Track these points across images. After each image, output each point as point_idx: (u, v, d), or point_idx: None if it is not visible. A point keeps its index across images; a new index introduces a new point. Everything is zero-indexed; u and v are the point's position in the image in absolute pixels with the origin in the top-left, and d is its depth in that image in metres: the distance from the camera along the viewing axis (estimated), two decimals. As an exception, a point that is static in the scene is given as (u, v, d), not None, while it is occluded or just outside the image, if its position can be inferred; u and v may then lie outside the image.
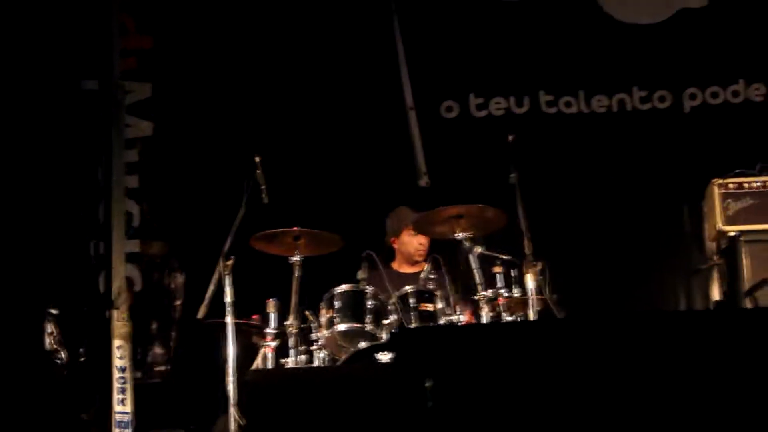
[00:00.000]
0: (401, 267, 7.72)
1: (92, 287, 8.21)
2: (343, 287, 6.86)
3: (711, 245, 8.13)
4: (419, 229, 7.47)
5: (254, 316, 7.09)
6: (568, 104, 8.90)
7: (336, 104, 8.82)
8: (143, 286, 8.65)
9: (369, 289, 6.83)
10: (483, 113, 8.98)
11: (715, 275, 8.09)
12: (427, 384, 3.88)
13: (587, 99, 8.90)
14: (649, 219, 8.39)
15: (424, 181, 8.64)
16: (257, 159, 7.16)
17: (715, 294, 7.98)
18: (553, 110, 8.91)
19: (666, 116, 8.81)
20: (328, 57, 8.85)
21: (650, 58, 8.84)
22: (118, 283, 8.12)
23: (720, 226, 7.62)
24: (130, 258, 8.57)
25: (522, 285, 6.86)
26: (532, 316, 6.67)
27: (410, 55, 8.93)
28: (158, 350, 8.51)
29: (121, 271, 8.20)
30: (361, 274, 7.00)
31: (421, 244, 7.63)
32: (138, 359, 8.24)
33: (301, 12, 8.87)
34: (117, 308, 7.94)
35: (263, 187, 7.13)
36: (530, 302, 6.72)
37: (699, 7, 8.84)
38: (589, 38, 8.89)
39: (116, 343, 7.82)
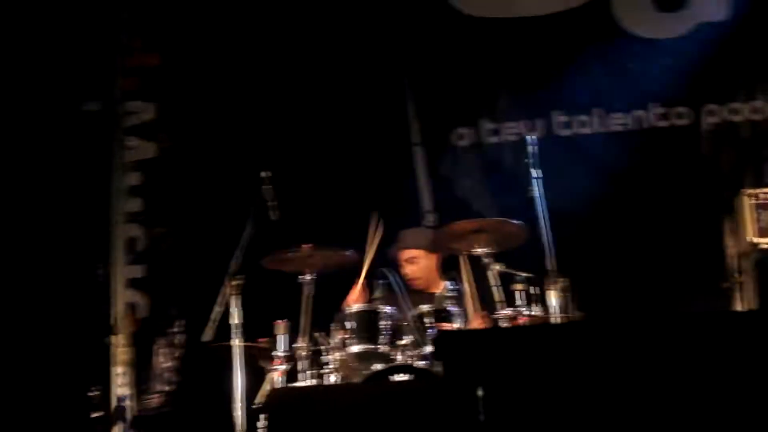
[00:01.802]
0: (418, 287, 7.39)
1: (96, 313, 7.96)
2: (357, 307, 6.54)
3: (732, 262, 7.83)
4: (436, 246, 7.16)
5: (261, 339, 6.77)
6: (582, 124, 8.59)
7: (344, 119, 8.58)
8: (148, 313, 8.31)
9: (383, 308, 6.51)
10: (495, 139, 8.67)
11: (737, 294, 7.77)
12: (478, 394, 3.56)
13: (603, 118, 8.57)
14: (671, 236, 8.06)
15: (429, 221, 8.34)
16: (265, 175, 6.87)
17: (742, 311, 7.65)
18: (567, 132, 8.60)
19: (684, 133, 8.45)
20: (336, 72, 8.61)
21: (668, 74, 8.53)
22: (118, 309, 7.88)
23: (752, 238, 7.31)
24: (134, 283, 8.29)
25: (544, 303, 6.54)
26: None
27: (419, 82, 8.69)
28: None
29: (122, 298, 7.95)
30: (375, 294, 6.67)
31: (405, 274, 7.29)
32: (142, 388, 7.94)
33: (310, 30, 8.59)
34: (117, 334, 7.68)
35: (271, 203, 6.83)
36: (553, 321, 6.39)
37: (718, 21, 8.50)
38: (605, 54, 8.59)
39: (117, 369, 7.55)
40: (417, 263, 7.29)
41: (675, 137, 8.51)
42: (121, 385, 7.54)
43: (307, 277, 6.63)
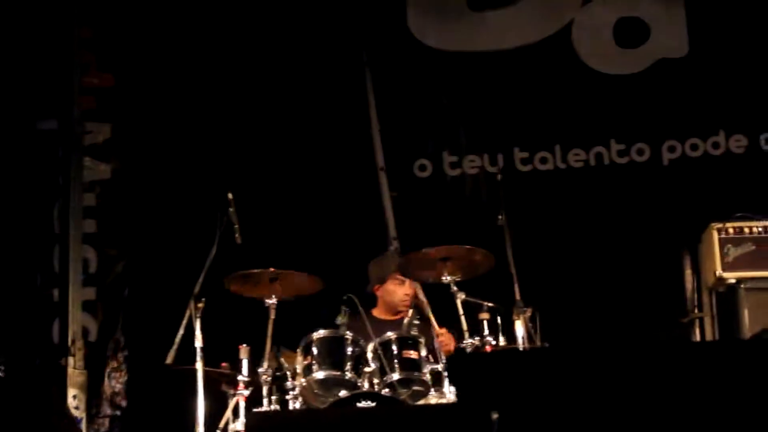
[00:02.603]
0: (383, 314, 7.32)
1: (46, 336, 7.78)
2: (322, 332, 6.45)
3: (692, 297, 7.87)
4: (404, 272, 7.11)
5: (223, 364, 6.64)
6: (543, 160, 8.60)
7: (310, 139, 8.54)
8: (98, 336, 8.14)
9: (349, 334, 6.42)
10: (457, 172, 8.63)
11: (697, 329, 7.81)
12: (493, 417, 3.48)
13: (563, 154, 8.59)
14: (632, 270, 8.07)
15: (393, 247, 8.29)
16: (230, 196, 6.76)
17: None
18: (528, 168, 8.59)
19: (645, 169, 8.49)
20: (299, 91, 8.57)
21: (628, 110, 8.58)
22: (73, 331, 7.71)
23: (719, 272, 7.33)
24: (86, 306, 8.12)
25: (509, 333, 6.51)
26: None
27: (383, 111, 8.67)
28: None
29: (77, 319, 7.79)
30: (340, 320, 6.55)
31: (406, 294, 7.23)
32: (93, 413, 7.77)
33: (274, 49, 8.53)
34: (72, 356, 7.51)
35: (236, 226, 6.72)
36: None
37: (678, 57, 8.56)
38: (566, 90, 8.62)
39: (71, 392, 7.39)
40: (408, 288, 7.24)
41: (635, 172, 8.49)
42: (74, 408, 7.33)
43: (272, 300, 6.49)
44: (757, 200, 7.76)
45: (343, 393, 6.25)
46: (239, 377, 6.44)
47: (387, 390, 6.27)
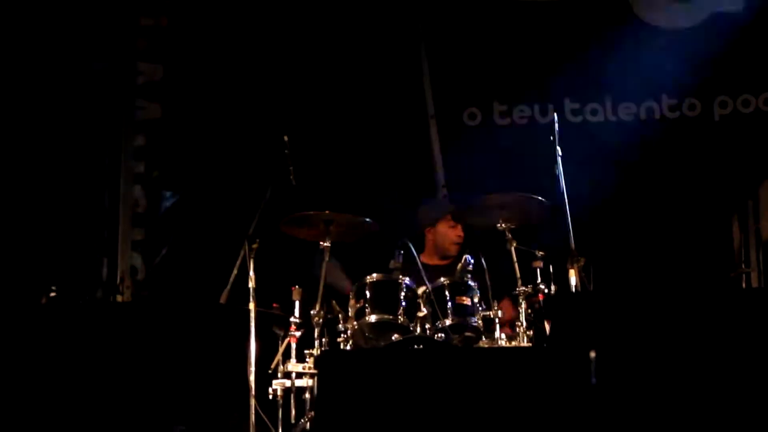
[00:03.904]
0: (431, 259, 7.30)
1: (95, 274, 7.82)
2: (376, 276, 6.45)
3: (740, 252, 7.84)
4: (458, 219, 7.10)
5: (274, 305, 6.66)
6: (594, 112, 8.55)
7: (363, 85, 8.54)
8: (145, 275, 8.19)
9: (402, 279, 6.41)
10: (506, 121, 8.60)
11: (743, 284, 7.78)
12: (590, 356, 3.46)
13: (614, 107, 8.54)
14: (682, 224, 8.05)
15: (442, 194, 8.29)
16: (286, 138, 6.75)
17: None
18: (578, 119, 8.55)
19: (695, 124, 8.44)
20: (353, 38, 8.57)
21: (680, 65, 8.49)
22: (122, 270, 7.75)
23: (775, 226, 7.32)
24: (134, 246, 8.15)
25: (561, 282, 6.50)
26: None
27: (434, 60, 8.65)
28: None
29: (126, 258, 7.83)
30: (393, 264, 6.55)
31: (459, 236, 7.22)
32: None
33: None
34: (121, 294, 7.55)
35: (291, 168, 6.71)
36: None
37: (733, 11, 8.47)
38: (619, 43, 8.55)
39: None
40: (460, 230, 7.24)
41: (686, 128, 8.44)
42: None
43: (326, 243, 6.48)
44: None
45: (395, 337, 6.25)
46: (291, 319, 6.44)
47: (439, 335, 6.26)
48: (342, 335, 6.41)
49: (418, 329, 6.30)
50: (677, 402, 3.61)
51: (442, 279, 6.46)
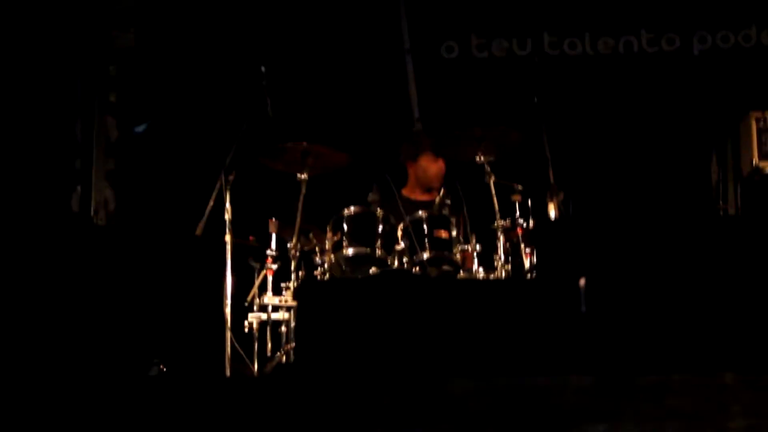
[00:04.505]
0: (413, 193, 7.25)
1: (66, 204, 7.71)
2: (353, 209, 6.38)
3: (717, 188, 7.83)
4: (439, 152, 7.03)
5: (251, 237, 6.59)
6: (572, 45, 8.49)
7: (339, 17, 8.42)
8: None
9: (380, 212, 6.35)
10: (484, 54, 8.51)
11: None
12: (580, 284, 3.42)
13: (593, 41, 8.48)
14: (661, 159, 8.03)
15: (416, 127, 8.22)
16: (263, 69, 6.65)
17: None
18: (556, 52, 8.47)
19: (674, 59, 8.38)
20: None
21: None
22: (96, 201, 7.66)
23: (756, 161, 7.27)
24: (107, 176, 8.05)
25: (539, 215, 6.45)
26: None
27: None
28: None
29: (100, 189, 7.73)
30: (371, 197, 6.48)
31: (440, 168, 7.16)
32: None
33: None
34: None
35: (268, 99, 6.61)
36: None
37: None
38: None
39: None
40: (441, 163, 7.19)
41: (665, 63, 8.40)
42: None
43: (303, 176, 6.41)
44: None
45: (372, 270, 6.20)
46: (267, 251, 6.37)
47: (416, 268, 6.22)
48: (319, 268, 6.34)
49: (396, 262, 6.25)
50: (664, 327, 3.59)
51: (420, 212, 6.40)
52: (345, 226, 6.33)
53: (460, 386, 3.34)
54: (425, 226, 6.35)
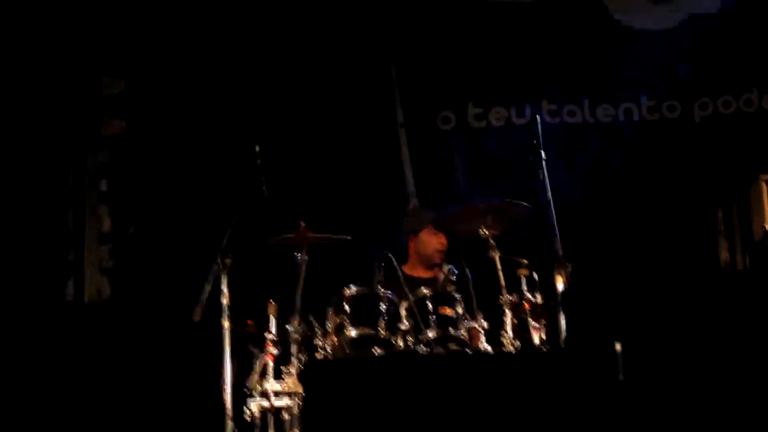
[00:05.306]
0: (415, 270, 7.09)
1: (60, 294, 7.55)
2: (354, 289, 6.18)
3: (724, 255, 7.67)
4: (440, 228, 6.87)
5: (249, 322, 6.38)
6: (571, 113, 8.36)
7: (336, 95, 8.30)
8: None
9: (383, 291, 6.15)
10: (482, 123, 8.40)
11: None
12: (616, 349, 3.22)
13: (592, 108, 8.36)
14: (667, 226, 7.90)
15: (412, 204, 8.07)
16: (257, 149, 6.49)
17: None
18: (556, 120, 8.35)
19: (676, 126, 8.27)
20: (321, 48, 8.34)
21: (658, 67, 8.37)
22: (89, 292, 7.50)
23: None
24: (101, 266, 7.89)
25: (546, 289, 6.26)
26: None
27: (405, 65, 8.46)
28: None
29: (94, 279, 7.56)
30: (377, 277, 6.29)
31: (441, 243, 7.00)
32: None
33: (299, 10, 8.31)
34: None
35: (263, 178, 6.45)
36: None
37: (709, 13, 8.33)
38: (595, 44, 8.46)
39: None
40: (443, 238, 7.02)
41: (666, 130, 8.28)
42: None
43: (304, 256, 6.22)
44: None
45: (378, 352, 5.99)
46: (267, 335, 6.16)
47: (423, 348, 6.01)
48: (321, 351, 6.12)
49: (401, 343, 6.04)
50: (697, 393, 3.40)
51: (424, 290, 6.20)
52: (347, 307, 6.12)
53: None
54: (429, 304, 6.14)
